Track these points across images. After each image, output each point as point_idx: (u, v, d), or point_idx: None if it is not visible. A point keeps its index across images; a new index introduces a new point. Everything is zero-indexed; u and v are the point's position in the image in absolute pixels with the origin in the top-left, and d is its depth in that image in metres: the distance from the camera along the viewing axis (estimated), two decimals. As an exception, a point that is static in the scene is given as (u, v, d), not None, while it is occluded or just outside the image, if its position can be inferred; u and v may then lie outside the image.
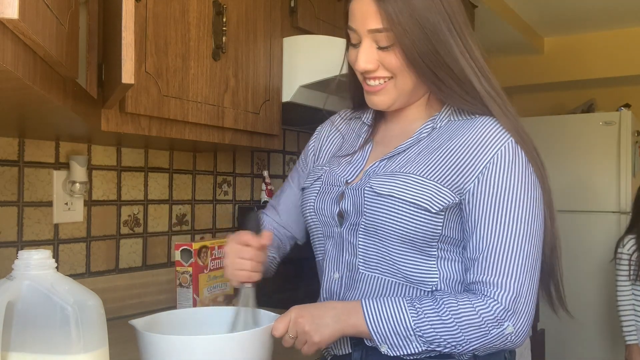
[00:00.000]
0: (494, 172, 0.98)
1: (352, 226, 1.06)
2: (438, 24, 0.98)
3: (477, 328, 0.95)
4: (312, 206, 1.13)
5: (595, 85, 4.39)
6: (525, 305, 0.96)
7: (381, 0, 0.98)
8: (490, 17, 3.39)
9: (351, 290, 1.07)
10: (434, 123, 1.07)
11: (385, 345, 0.97)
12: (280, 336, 0.98)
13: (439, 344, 0.96)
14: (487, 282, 0.97)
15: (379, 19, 0.98)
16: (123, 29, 0.94)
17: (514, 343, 0.97)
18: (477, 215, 0.99)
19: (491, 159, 0.99)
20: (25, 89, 0.77)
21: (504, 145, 0.99)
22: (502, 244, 0.97)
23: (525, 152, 1.00)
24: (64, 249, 1.60)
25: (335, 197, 1.09)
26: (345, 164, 1.13)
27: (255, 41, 1.66)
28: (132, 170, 1.78)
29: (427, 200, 0.98)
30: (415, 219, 0.99)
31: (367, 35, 1.01)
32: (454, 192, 0.99)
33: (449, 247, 1.02)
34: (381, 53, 1.02)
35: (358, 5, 1.01)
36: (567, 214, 3.73)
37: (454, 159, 1.00)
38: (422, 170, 1.01)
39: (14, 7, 0.61)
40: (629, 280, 2.65)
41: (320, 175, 1.15)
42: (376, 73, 1.03)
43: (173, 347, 0.91)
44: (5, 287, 0.75)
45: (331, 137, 1.24)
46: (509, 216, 0.97)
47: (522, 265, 0.97)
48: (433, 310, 0.96)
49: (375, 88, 1.05)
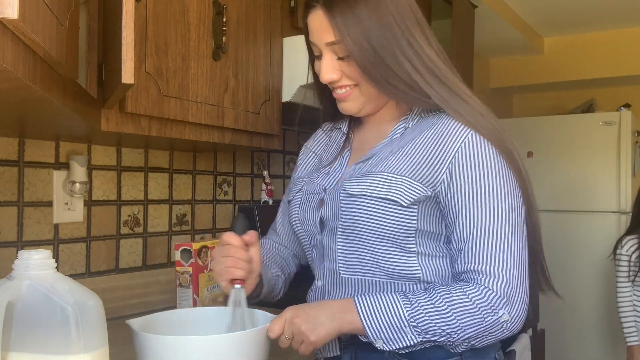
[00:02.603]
0: (463, 163, 0.99)
1: (331, 231, 1.08)
2: (384, 33, 1.00)
3: (471, 315, 0.95)
4: (297, 217, 1.16)
5: (595, 85, 4.39)
6: (519, 292, 0.97)
7: (331, 14, 1.00)
8: (490, 17, 3.39)
9: (333, 296, 1.09)
10: (406, 122, 1.09)
11: (381, 339, 0.97)
12: (276, 337, 0.98)
13: (434, 332, 0.96)
14: (476, 271, 0.97)
15: (331, 32, 1.01)
16: (123, 29, 0.94)
17: (510, 330, 0.97)
18: (455, 206, 0.99)
19: (457, 150, 1.00)
20: (25, 89, 0.77)
21: (467, 137, 1.00)
22: (485, 232, 0.98)
23: (488, 140, 1.00)
24: (64, 249, 1.60)
25: (315, 204, 1.12)
26: (324, 174, 1.16)
27: (255, 41, 1.66)
28: (132, 170, 1.78)
29: (397, 195, 1.00)
30: (387, 214, 1.00)
31: (325, 48, 1.04)
32: (426, 186, 1.00)
33: (427, 242, 1.03)
34: (342, 63, 1.05)
35: (313, 20, 1.05)
36: (567, 214, 3.74)
37: (422, 153, 1.02)
38: (392, 168, 1.03)
39: (14, 7, 0.61)
40: (628, 281, 2.65)
41: (301, 186, 1.18)
42: (340, 82, 1.07)
43: (169, 348, 0.91)
44: (5, 287, 0.75)
45: (313, 150, 1.27)
46: (487, 204, 0.98)
47: (509, 251, 0.97)
48: (427, 299, 0.97)
49: (342, 95, 1.08)
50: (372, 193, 1.01)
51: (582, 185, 3.75)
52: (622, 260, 2.66)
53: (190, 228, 1.97)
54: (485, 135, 1.00)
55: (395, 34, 1.01)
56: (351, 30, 0.99)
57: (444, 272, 1.04)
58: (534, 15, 3.79)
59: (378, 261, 1.03)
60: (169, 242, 1.89)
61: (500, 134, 1.02)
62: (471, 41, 3.03)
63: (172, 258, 1.88)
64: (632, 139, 3.66)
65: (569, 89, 4.53)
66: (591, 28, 4.04)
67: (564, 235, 3.73)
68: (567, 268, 3.72)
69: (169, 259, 1.89)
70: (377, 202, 1.01)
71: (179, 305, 1.62)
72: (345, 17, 0.99)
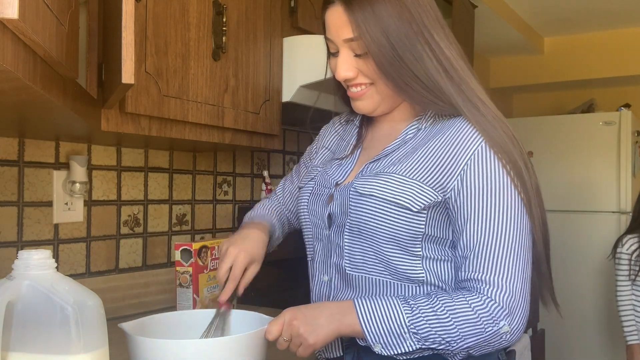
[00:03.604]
0: (475, 170, 0.98)
1: (338, 228, 1.07)
2: (404, 31, 0.99)
3: (472, 325, 0.95)
4: (306, 206, 1.16)
5: (595, 85, 4.39)
6: (520, 304, 0.96)
7: (350, 10, 1.00)
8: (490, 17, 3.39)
9: (340, 292, 1.08)
10: (419, 124, 1.08)
11: (379, 344, 0.96)
12: (274, 339, 0.97)
13: (434, 340, 0.95)
14: (480, 280, 0.97)
15: (350, 28, 1.01)
16: (123, 29, 0.94)
17: (508, 342, 0.97)
18: (465, 214, 0.99)
19: (470, 157, 0.99)
20: (25, 89, 0.77)
21: (479, 147, 0.99)
22: (492, 242, 0.97)
23: (496, 154, 0.99)
24: (64, 249, 1.60)
25: (325, 199, 1.11)
26: (336, 166, 1.15)
27: (255, 41, 1.66)
28: (132, 170, 1.78)
29: (407, 199, 0.99)
30: (396, 218, 0.99)
31: (343, 45, 1.04)
32: (437, 191, 1.00)
33: (434, 246, 1.02)
34: (358, 60, 1.04)
35: (331, 16, 1.04)
36: (567, 214, 3.74)
37: (435, 157, 1.01)
38: (405, 170, 1.02)
39: (14, 7, 0.61)
40: (628, 280, 2.65)
41: (314, 175, 1.18)
42: (356, 80, 1.06)
43: (164, 351, 0.90)
44: (5, 287, 0.75)
45: (329, 138, 1.27)
46: (496, 216, 0.97)
47: (514, 263, 0.97)
48: (428, 306, 0.96)
49: (357, 94, 1.07)
50: (382, 195, 1.00)
51: (582, 185, 3.75)
52: (622, 259, 2.66)
53: (190, 228, 1.97)
54: (494, 147, 0.99)
55: (414, 32, 1.00)
56: (370, 26, 0.99)
57: (448, 275, 1.03)
58: (534, 15, 3.79)
59: (383, 261, 1.03)
60: (169, 242, 1.89)
61: (508, 145, 1.00)
62: (471, 41, 3.03)
63: (172, 258, 1.87)
64: (632, 139, 3.66)
65: (569, 89, 4.53)
66: (591, 28, 4.04)
67: (564, 235, 3.73)
68: (567, 268, 3.72)
69: (169, 259, 1.89)
70: (386, 204, 1.00)
71: (179, 306, 1.62)
72: (365, 14, 0.99)
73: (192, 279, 1.60)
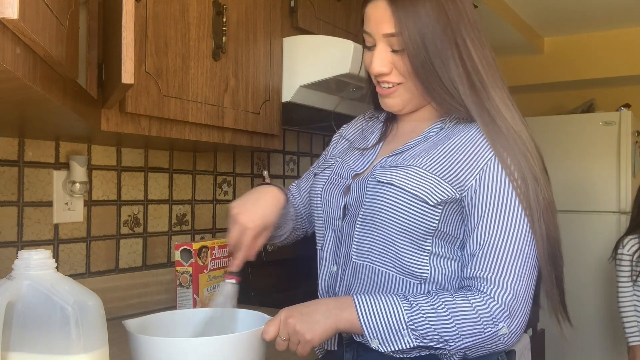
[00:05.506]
0: (494, 169, 1.00)
1: (351, 219, 1.07)
2: (438, 35, 1.00)
3: (472, 324, 0.95)
4: (319, 194, 1.15)
5: (595, 85, 4.38)
6: (521, 307, 0.96)
7: (394, 6, 1.01)
8: (490, 17, 3.39)
9: (345, 281, 1.08)
10: (443, 124, 1.09)
11: (376, 339, 0.96)
12: (271, 339, 0.97)
13: (432, 337, 0.95)
14: (485, 278, 0.97)
15: (392, 23, 1.02)
16: (123, 29, 0.94)
17: (505, 345, 0.97)
18: (479, 212, 0.99)
19: (490, 158, 1.00)
20: (25, 89, 0.77)
21: (490, 159, 1.00)
22: (502, 243, 0.98)
23: (504, 169, 1.00)
24: (64, 249, 1.60)
25: (342, 189, 1.11)
26: (356, 157, 1.16)
27: (255, 41, 1.66)
28: (132, 170, 1.78)
29: (426, 192, 0.99)
30: (412, 210, 1.00)
31: (381, 39, 1.04)
32: (455, 188, 1.00)
33: (444, 244, 1.03)
34: (394, 56, 1.05)
35: (373, 10, 1.04)
36: (567, 214, 3.73)
37: (455, 155, 1.02)
38: (425, 164, 1.02)
39: (14, 7, 0.61)
40: (630, 282, 2.65)
41: (332, 164, 1.18)
42: (389, 77, 1.06)
43: (163, 350, 0.90)
44: (5, 287, 0.75)
45: (353, 131, 1.27)
46: (509, 217, 0.98)
47: (521, 267, 0.97)
48: (428, 303, 0.96)
49: (387, 91, 1.08)
50: (401, 184, 1.01)
51: (582, 185, 3.75)
52: (623, 260, 2.66)
53: (190, 228, 1.97)
54: (502, 163, 1.00)
55: (447, 37, 1.01)
56: (410, 25, 1.00)
57: (452, 274, 1.03)
58: (534, 15, 3.79)
59: (390, 252, 1.03)
60: (169, 242, 1.89)
61: (518, 160, 1.00)
62: (471, 41, 3.02)
63: (172, 258, 1.87)
64: (632, 139, 3.66)
65: (569, 89, 4.53)
66: (591, 28, 4.04)
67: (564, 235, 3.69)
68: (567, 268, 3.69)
69: (169, 259, 1.89)
70: (404, 194, 1.00)
71: (179, 306, 1.62)
72: (407, 11, 1.00)
73: (192, 279, 1.60)
